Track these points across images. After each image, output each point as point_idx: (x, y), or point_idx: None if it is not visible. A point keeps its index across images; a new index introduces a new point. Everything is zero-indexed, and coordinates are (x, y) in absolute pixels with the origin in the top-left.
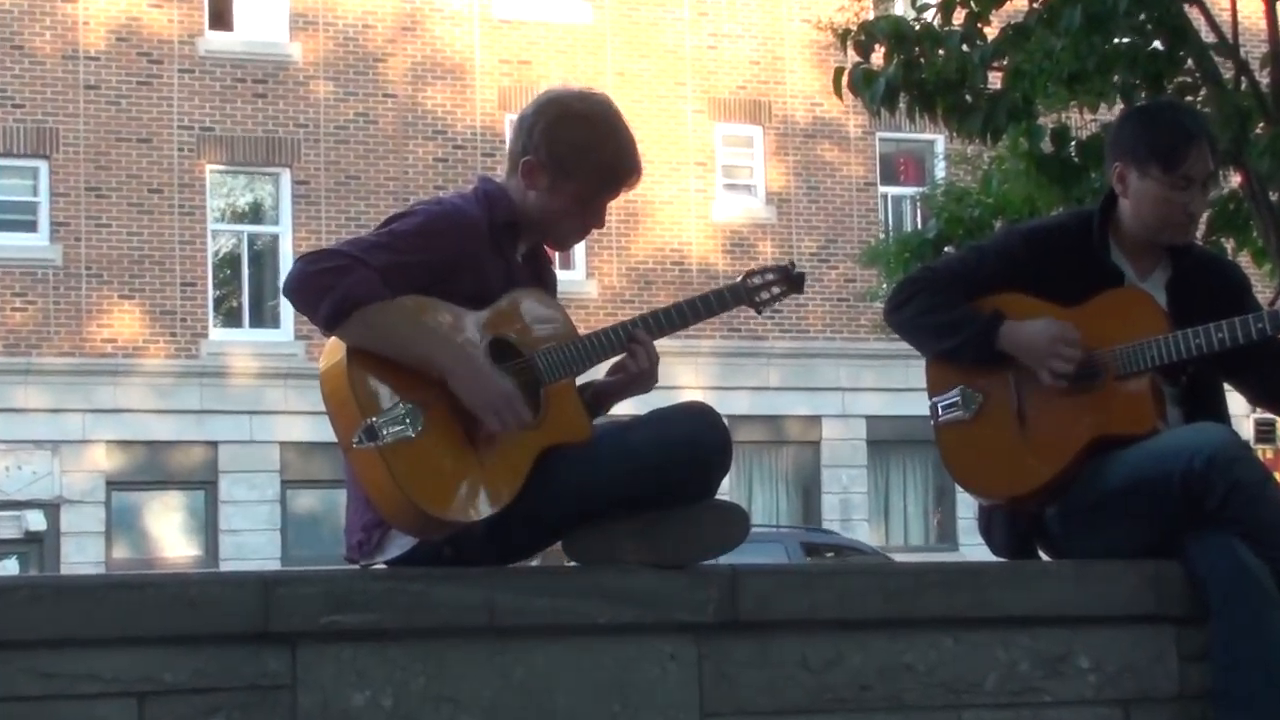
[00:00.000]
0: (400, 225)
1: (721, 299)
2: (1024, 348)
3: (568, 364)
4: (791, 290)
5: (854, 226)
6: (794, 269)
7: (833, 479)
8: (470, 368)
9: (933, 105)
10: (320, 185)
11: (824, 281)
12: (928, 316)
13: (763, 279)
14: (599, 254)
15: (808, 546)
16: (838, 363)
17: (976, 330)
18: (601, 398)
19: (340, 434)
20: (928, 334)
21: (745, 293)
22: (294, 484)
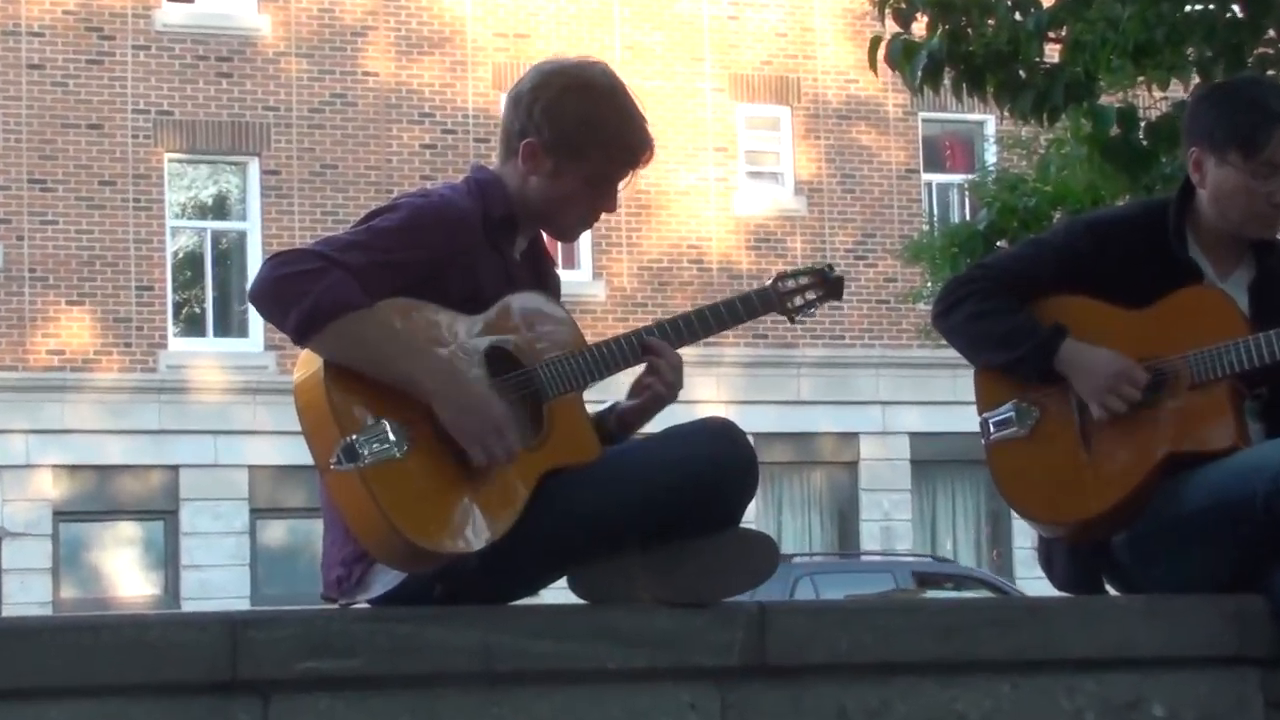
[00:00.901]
0: (382, 221)
1: (749, 305)
2: (1082, 374)
3: (573, 376)
4: (829, 296)
5: (894, 219)
6: (832, 272)
7: (872, 504)
8: (456, 389)
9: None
10: (292, 176)
11: (860, 281)
12: (981, 323)
13: (796, 283)
14: (607, 251)
15: (920, 576)
16: (876, 373)
17: (1034, 346)
18: (626, 421)
19: (316, 454)
20: (979, 343)
21: (776, 298)
22: (265, 513)
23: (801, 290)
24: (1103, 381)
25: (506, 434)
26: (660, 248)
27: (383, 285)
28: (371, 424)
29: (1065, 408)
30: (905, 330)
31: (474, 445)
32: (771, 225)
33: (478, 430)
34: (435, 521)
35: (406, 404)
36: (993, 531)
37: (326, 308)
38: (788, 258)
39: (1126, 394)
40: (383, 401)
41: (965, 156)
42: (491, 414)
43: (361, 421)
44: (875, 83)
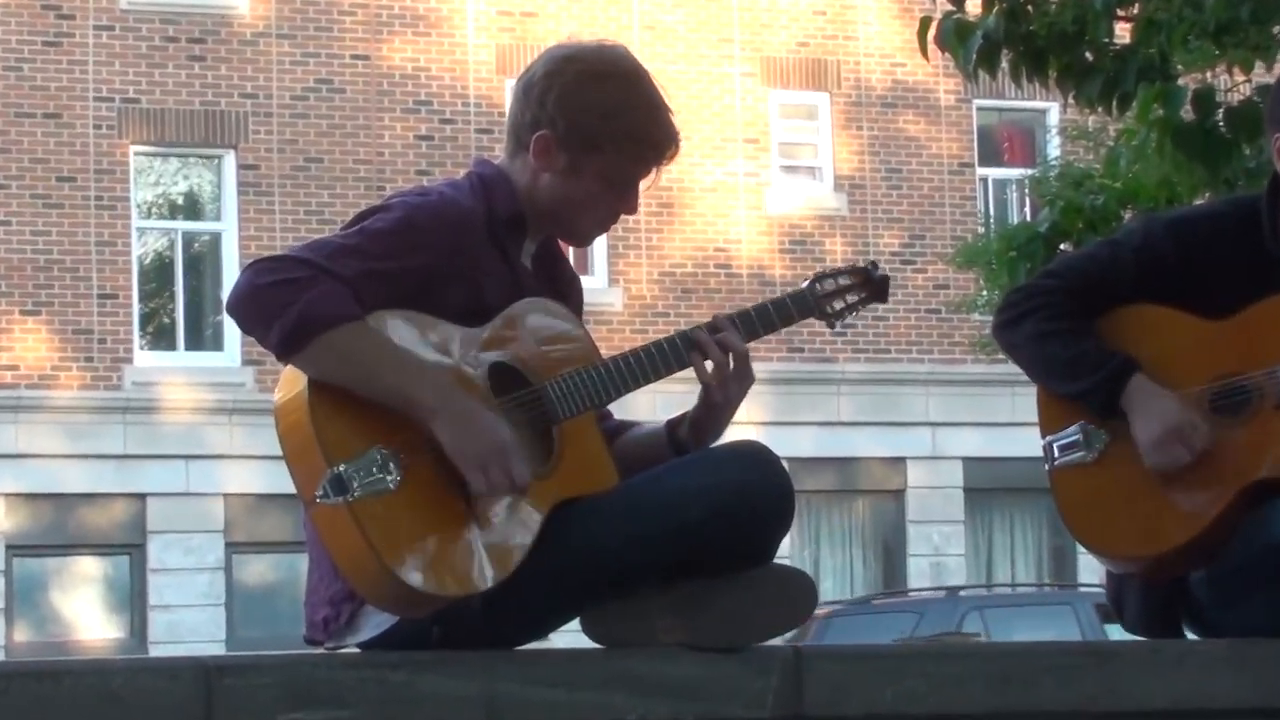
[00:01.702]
0: (374, 223)
1: (783, 310)
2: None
3: (587, 394)
4: (873, 298)
5: (945, 218)
6: (876, 271)
7: (921, 538)
8: (458, 408)
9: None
10: (273, 171)
11: (908, 288)
12: (1046, 345)
13: (835, 283)
14: (624, 255)
15: (1106, 611)
16: (925, 391)
17: (1100, 381)
18: (698, 429)
19: (300, 485)
20: (1042, 366)
21: (813, 301)
22: (242, 547)
23: (842, 292)
24: (1157, 434)
25: (513, 460)
26: (683, 251)
27: (375, 295)
28: (362, 451)
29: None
30: (958, 343)
31: (475, 472)
32: (808, 226)
33: (480, 455)
34: (433, 560)
35: (401, 428)
36: (1056, 568)
37: (314, 320)
38: (826, 262)
39: (1176, 455)
40: (374, 426)
41: (1025, 149)
42: (496, 437)
43: (350, 449)
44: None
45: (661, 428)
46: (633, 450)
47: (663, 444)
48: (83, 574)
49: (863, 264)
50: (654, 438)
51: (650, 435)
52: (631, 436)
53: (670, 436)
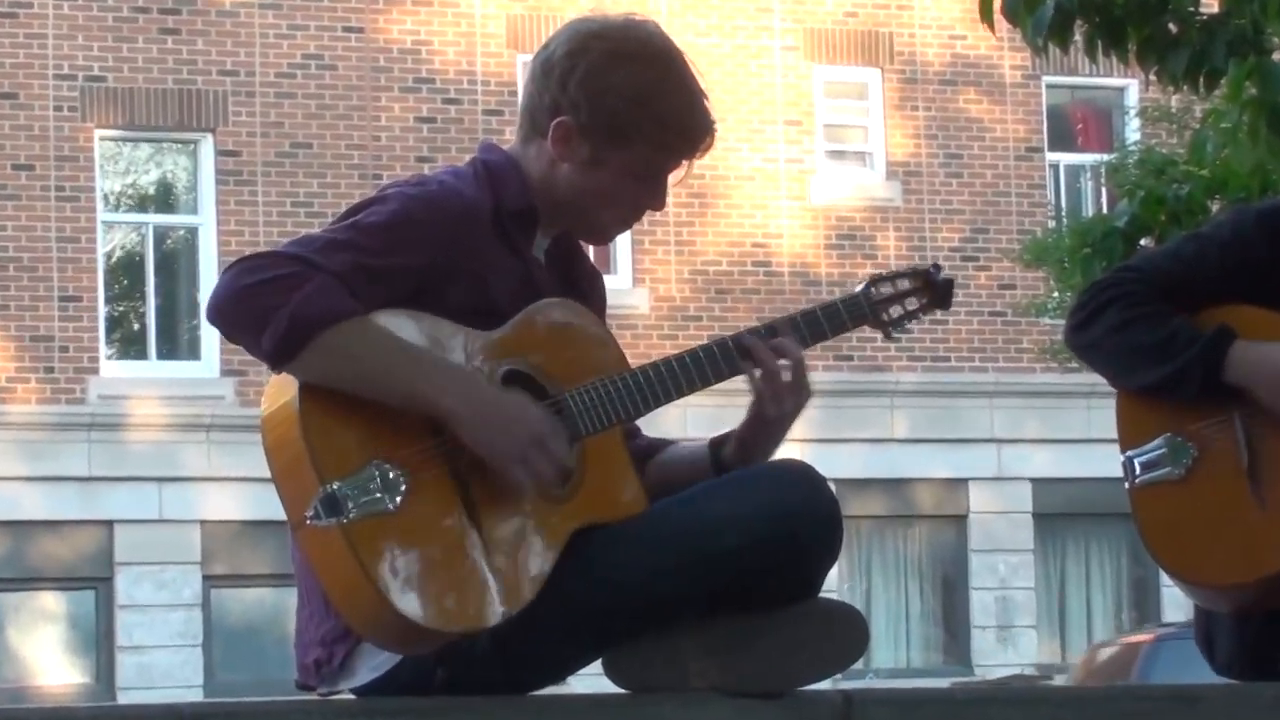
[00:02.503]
0: (370, 216)
1: (834, 316)
2: (1267, 377)
3: (613, 407)
4: (935, 305)
5: (1011, 210)
6: (938, 274)
7: (985, 569)
8: (481, 403)
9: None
10: (255, 158)
11: (970, 288)
12: (1126, 334)
13: (893, 287)
14: (651, 252)
15: None
16: (990, 403)
17: (1199, 353)
18: (746, 445)
19: (289, 505)
20: (1125, 359)
21: (868, 307)
22: (222, 581)
23: (900, 297)
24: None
25: (550, 444)
26: (718, 247)
27: (372, 294)
28: (359, 468)
29: (1230, 442)
30: (1025, 350)
31: (515, 467)
32: (857, 218)
33: (517, 448)
34: (437, 591)
35: (404, 441)
36: (1138, 602)
37: (308, 319)
38: (877, 259)
39: None
40: (374, 439)
41: (1100, 132)
42: (529, 424)
43: (346, 464)
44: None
45: (703, 447)
46: (670, 473)
47: (705, 466)
48: (42, 611)
49: (924, 266)
50: (694, 459)
51: (690, 456)
52: (667, 458)
53: (714, 457)
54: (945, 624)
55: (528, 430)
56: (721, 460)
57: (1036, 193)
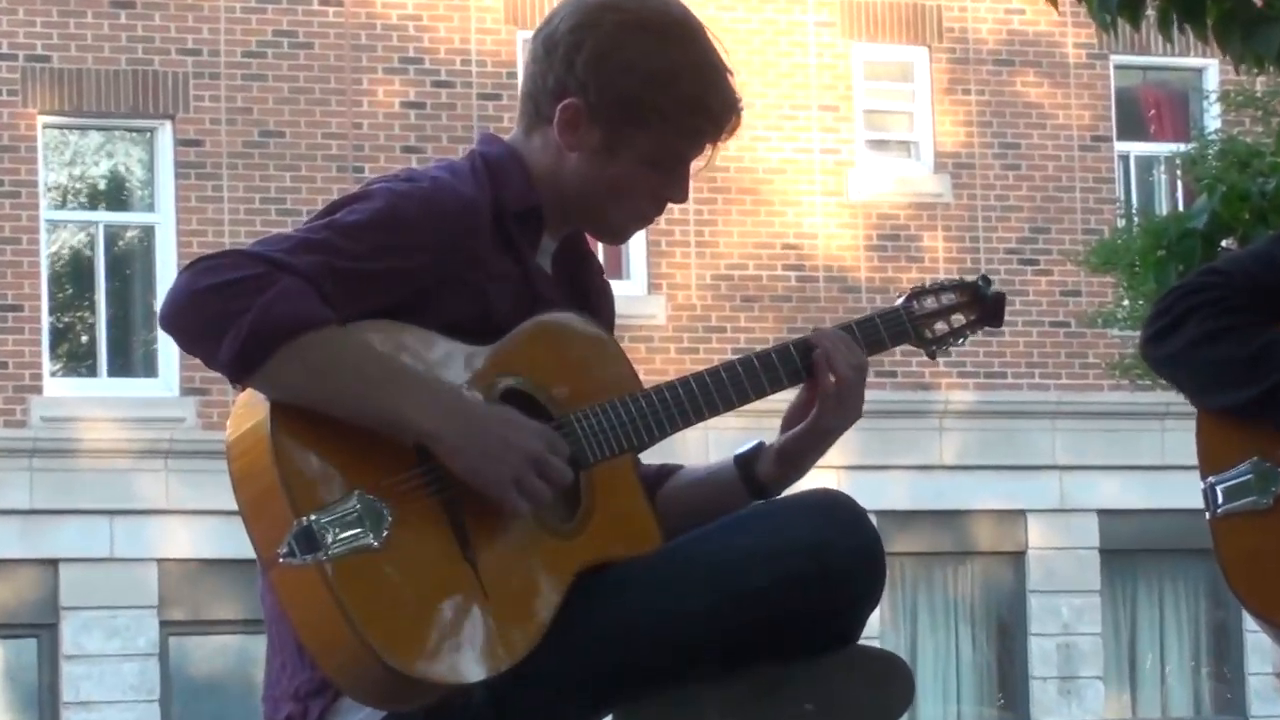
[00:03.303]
0: (350, 215)
1: (872, 332)
2: None
3: (625, 431)
4: (985, 321)
5: (1075, 207)
6: (988, 286)
7: (1045, 612)
8: (468, 423)
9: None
10: (220, 148)
11: (1029, 295)
12: (1212, 348)
13: (937, 302)
14: (668, 254)
15: None
16: (1051, 425)
17: None
18: (789, 458)
19: (259, 541)
20: (1209, 376)
21: (909, 323)
22: (181, 627)
23: (945, 312)
24: None
25: (550, 464)
26: (743, 249)
27: (348, 302)
28: (339, 498)
29: None
30: (1092, 365)
31: (509, 491)
32: (901, 216)
33: (510, 470)
34: (427, 638)
35: (389, 468)
36: (1219, 650)
37: (274, 325)
38: (924, 262)
39: None
40: (356, 465)
41: (1175, 119)
42: (524, 441)
43: (324, 494)
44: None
45: (727, 467)
46: (689, 500)
47: (733, 486)
48: None
49: (971, 279)
50: (719, 480)
51: (712, 478)
52: (682, 483)
53: (745, 475)
54: (1000, 674)
55: (523, 451)
56: (757, 478)
57: (1104, 187)
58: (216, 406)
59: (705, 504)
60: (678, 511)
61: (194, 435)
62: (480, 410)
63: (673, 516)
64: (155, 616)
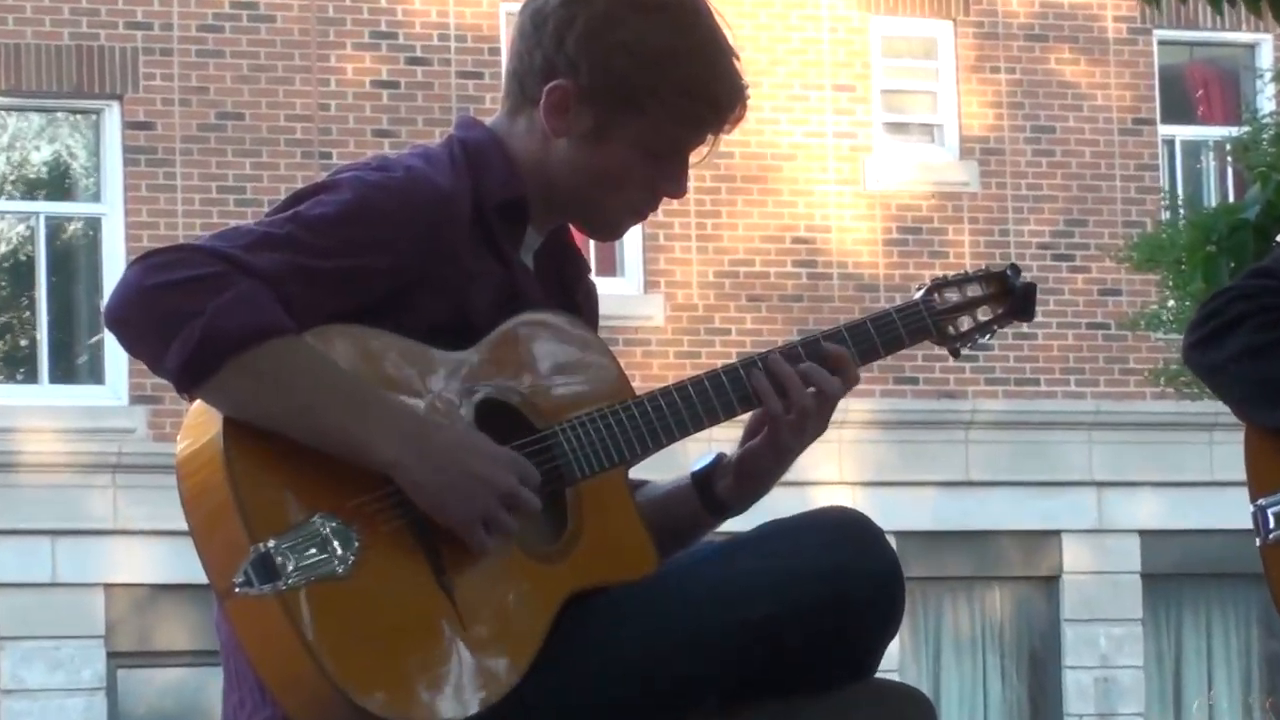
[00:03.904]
0: (316, 207)
1: (888, 329)
2: None
3: (616, 444)
4: (1013, 315)
5: (1115, 197)
6: (1016, 276)
7: (1081, 643)
8: (431, 451)
9: None
10: (173, 131)
11: (1064, 294)
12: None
13: (961, 294)
14: (667, 249)
15: None
16: (1088, 437)
17: None
18: (747, 473)
19: (213, 569)
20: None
21: (930, 318)
22: (130, 659)
23: (969, 306)
24: None
25: (521, 495)
26: (749, 244)
27: (313, 305)
28: (300, 522)
29: None
30: (1133, 371)
31: (475, 531)
32: (923, 208)
33: (478, 507)
34: (398, 675)
35: (354, 487)
36: (1272, 683)
37: (227, 333)
38: (948, 257)
39: None
40: (318, 485)
41: (1226, 100)
42: (495, 475)
43: (284, 517)
44: None
45: (685, 486)
46: (645, 519)
47: (691, 506)
48: None
49: (998, 267)
50: (677, 500)
51: (670, 499)
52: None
53: (703, 492)
54: (1032, 711)
55: (492, 485)
56: (715, 495)
57: (1146, 175)
58: (169, 416)
59: (664, 525)
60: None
61: (145, 448)
62: (447, 438)
63: None
64: (102, 647)
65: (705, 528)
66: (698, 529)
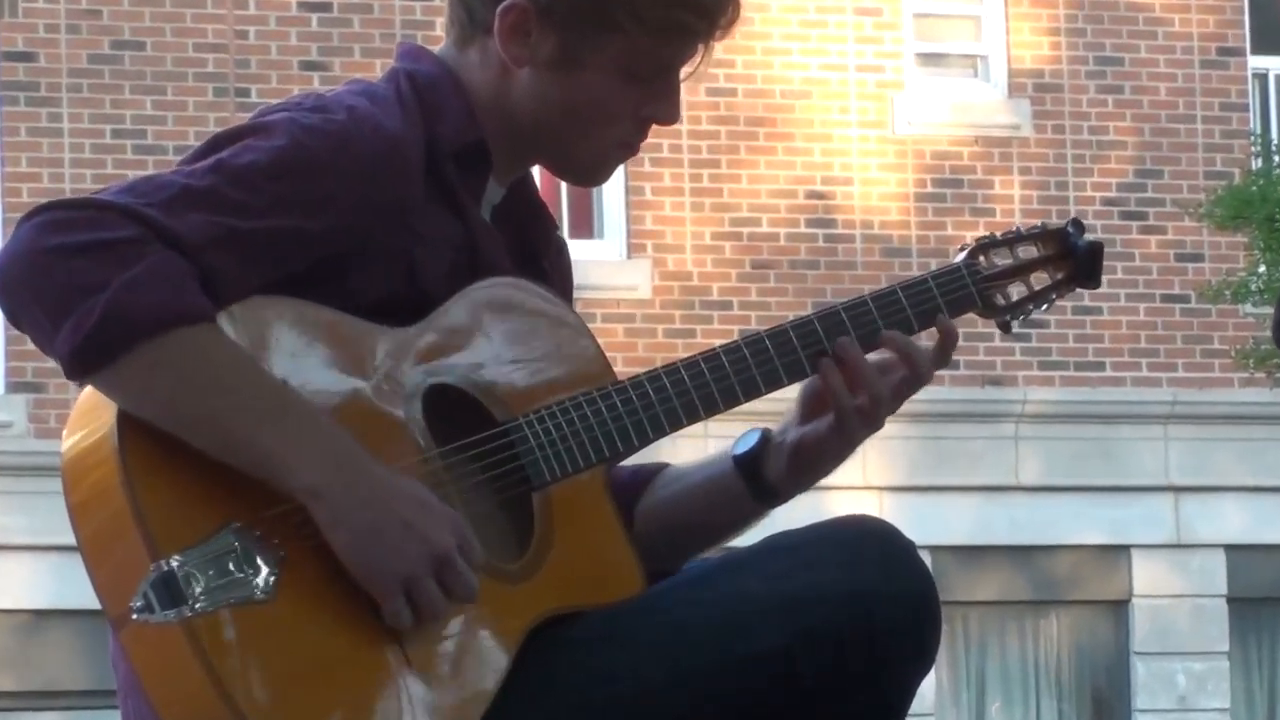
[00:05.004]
0: (242, 155)
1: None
2: None
3: (592, 438)
4: (1074, 281)
5: (1195, 142)
6: (1079, 234)
7: (1156, 680)
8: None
9: None
10: (59, 64)
11: (1134, 260)
12: None
13: (1012, 257)
14: (654, 205)
15: None
16: (1164, 433)
17: None
18: (803, 460)
19: (105, 591)
20: None
21: (975, 287)
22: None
23: (1022, 270)
24: None
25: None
26: (754, 199)
27: (242, 276)
28: (210, 534)
29: None
30: (1218, 353)
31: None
32: (964, 156)
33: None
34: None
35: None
36: None
37: (133, 317)
38: (994, 216)
39: None
40: (233, 489)
41: None
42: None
43: (191, 529)
44: None
45: (724, 468)
46: (678, 514)
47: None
48: None
49: (1056, 224)
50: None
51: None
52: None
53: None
54: None
55: (428, 544)
56: (765, 480)
57: (1234, 116)
58: (54, 408)
59: (700, 518)
60: (664, 532)
61: (25, 445)
62: (382, 473)
63: (658, 539)
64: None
65: (752, 519)
66: (741, 521)
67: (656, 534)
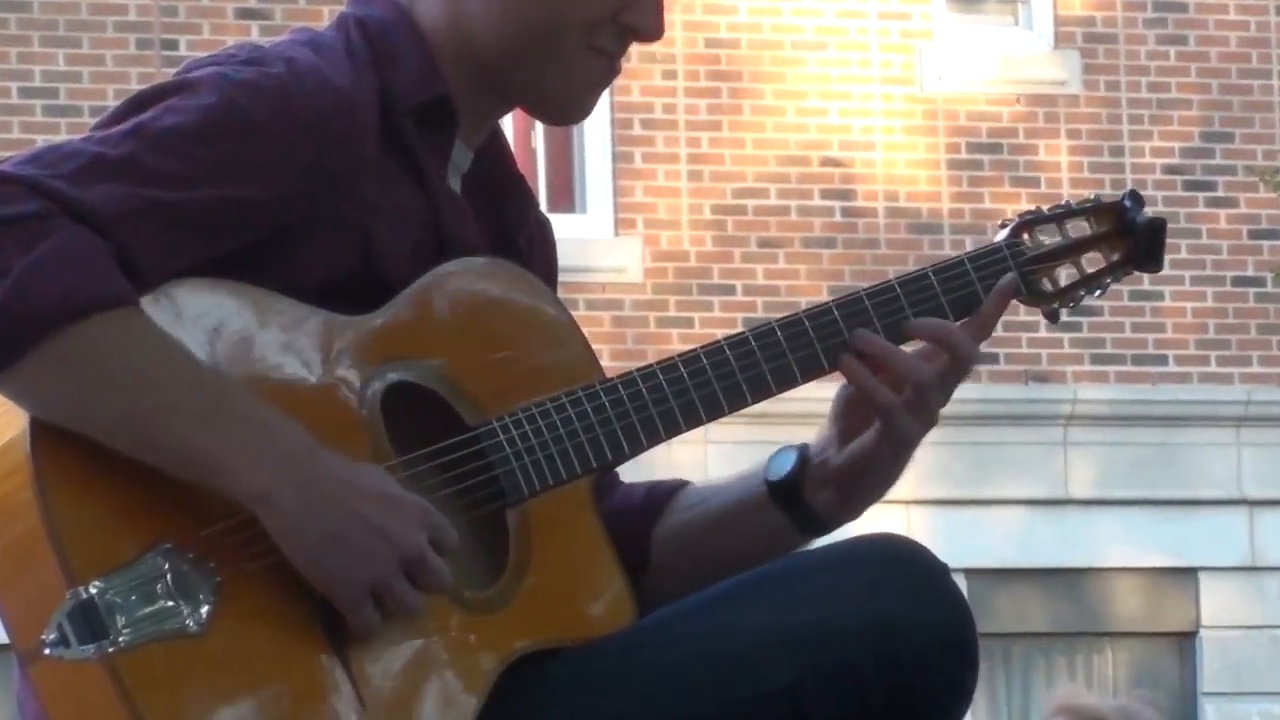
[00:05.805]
0: (167, 117)
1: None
2: None
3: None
4: (1133, 263)
5: (1271, 101)
6: (1137, 209)
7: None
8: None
9: None
10: None
11: (1200, 239)
12: None
13: (1060, 236)
14: (645, 175)
15: None
16: (1236, 439)
17: None
18: (853, 480)
19: (13, 621)
20: None
21: (1018, 268)
22: None
23: (1071, 251)
24: None
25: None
26: (761, 167)
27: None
28: (135, 557)
29: None
30: None
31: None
32: (1004, 117)
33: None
34: None
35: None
36: None
37: (41, 304)
38: (1038, 187)
39: None
40: (162, 506)
41: None
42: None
43: (114, 551)
44: None
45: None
46: (708, 546)
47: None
48: None
49: (1111, 198)
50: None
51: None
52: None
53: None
54: None
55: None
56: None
57: None
58: None
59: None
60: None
61: None
62: (337, 469)
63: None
64: None
65: (789, 549)
66: (779, 552)
67: (678, 564)
